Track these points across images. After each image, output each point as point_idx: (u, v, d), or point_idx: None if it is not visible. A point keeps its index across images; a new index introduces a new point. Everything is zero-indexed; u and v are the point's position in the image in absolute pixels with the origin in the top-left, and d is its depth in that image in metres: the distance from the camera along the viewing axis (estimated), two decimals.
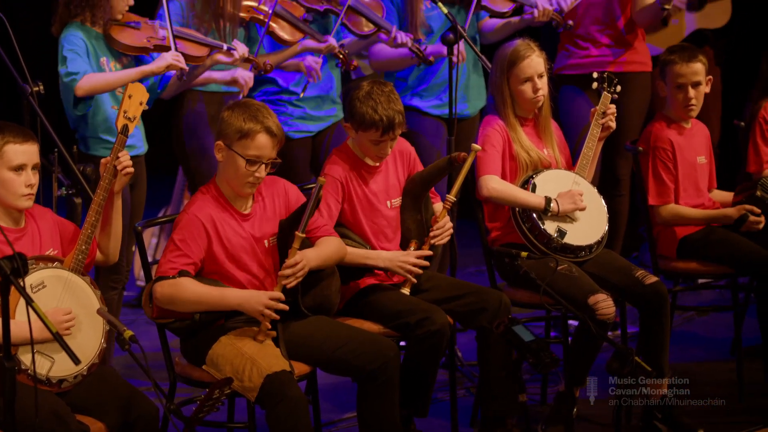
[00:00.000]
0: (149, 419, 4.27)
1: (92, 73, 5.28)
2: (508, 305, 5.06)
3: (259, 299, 4.51)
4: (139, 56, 5.48)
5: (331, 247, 4.76)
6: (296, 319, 4.66)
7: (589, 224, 5.42)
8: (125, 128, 4.46)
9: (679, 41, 6.88)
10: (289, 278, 4.57)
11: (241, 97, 5.72)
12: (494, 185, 5.34)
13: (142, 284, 7.08)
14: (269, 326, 4.52)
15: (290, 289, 4.59)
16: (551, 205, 5.32)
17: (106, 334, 4.34)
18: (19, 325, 3.87)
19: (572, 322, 5.71)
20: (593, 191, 5.52)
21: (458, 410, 5.24)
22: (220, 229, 4.61)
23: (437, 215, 5.16)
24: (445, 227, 5.14)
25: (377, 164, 5.12)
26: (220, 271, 4.62)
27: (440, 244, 5.15)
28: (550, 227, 5.33)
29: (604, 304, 5.09)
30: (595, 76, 5.71)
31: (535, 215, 5.33)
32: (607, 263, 5.41)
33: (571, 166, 5.58)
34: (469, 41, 5.98)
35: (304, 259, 4.60)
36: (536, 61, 5.45)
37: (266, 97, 6.06)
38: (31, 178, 4.33)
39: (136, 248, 5.91)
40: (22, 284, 3.63)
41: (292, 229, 4.63)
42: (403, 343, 5.02)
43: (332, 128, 6.19)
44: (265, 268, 4.69)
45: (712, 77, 5.91)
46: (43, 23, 5.58)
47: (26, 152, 4.33)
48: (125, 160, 4.42)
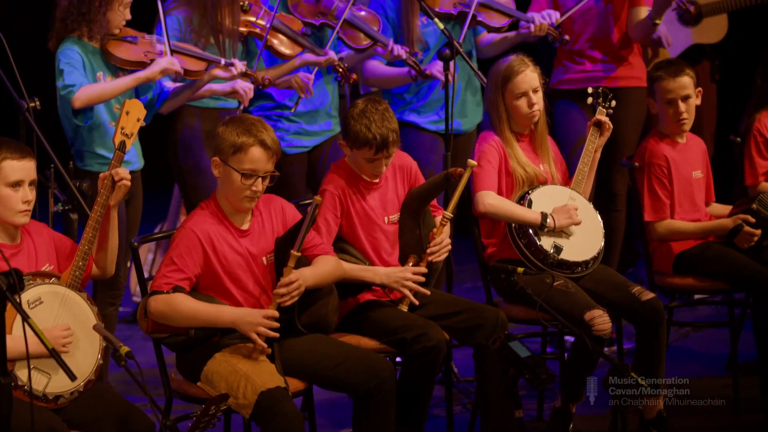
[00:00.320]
0: None
1: (88, 84, 5.28)
2: (504, 321, 5.05)
3: (253, 318, 4.50)
4: (135, 71, 5.48)
5: (327, 266, 4.74)
6: (292, 336, 4.65)
7: (585, 240, 5.41)
8: (122, 144, 4.46)
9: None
10: (284, 297, 4.57)
11: (242, 107, 5.72)
12: (490, 201, 5.34)
13: (138, 300, 7.07)
14: (264, 345, 4.51)
15: (286, 307, 4.59)
16: (547, 220, 5.32)
17: (102, 350, 4.34)
18: (15, 340, 3.87)
19: (568, 338, 5.70)
20: (589, 207, 5.51)
21: (454, 426, 5.24)
22: (217, 244, 4.61)
23: (434, 231, 5.16)
24: (442, 244, 5.13)
25: (375, 180, 5.12)
26: (216, 286, 4.62)
27: (438, 261, 5.15)
28: (546, 243, 5.33)
29: (600, 320, 5.08)
30: (590, 91, 5.72)
31: (531, 231, 5.33)
32: (603, 279, 5.40)
33: (567, 181, 5.58)
34: (465, 56, 5.97)
35: (300, 278, 4.59)
36: (530, 76, 5.45)
37: (262, 112, 6.05)
38: (28, 194, 4.33)
39: (132, 264, 5.91)
40: (18, 300, 3.63)
41: (287, 247, 4.63)
42: (399, 359, 5.02)
43: (328, 143, 6.18)
44: (261, 285, 4.68)
45: (701, 89, 5.91)
46: (39, 39, 5.58)
47: (24, 168, 4.33)
48: (123, 172, 4.43)
